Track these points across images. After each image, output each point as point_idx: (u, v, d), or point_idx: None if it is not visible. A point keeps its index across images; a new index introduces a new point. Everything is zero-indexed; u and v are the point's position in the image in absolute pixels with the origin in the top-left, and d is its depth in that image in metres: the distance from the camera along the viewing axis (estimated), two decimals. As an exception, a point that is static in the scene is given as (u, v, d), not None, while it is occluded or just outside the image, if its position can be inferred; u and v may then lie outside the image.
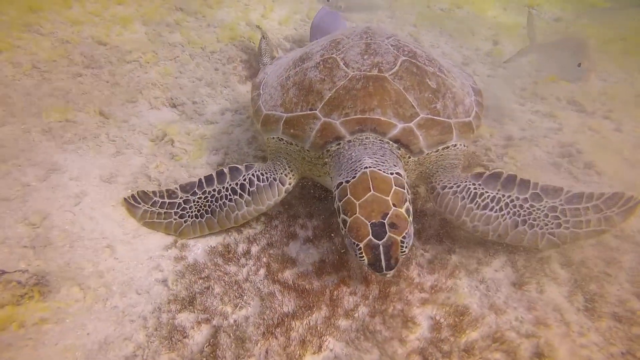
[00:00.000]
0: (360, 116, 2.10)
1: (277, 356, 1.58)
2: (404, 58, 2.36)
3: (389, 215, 1.73)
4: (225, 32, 4.72)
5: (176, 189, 2.46)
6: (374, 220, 1.72)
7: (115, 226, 2.48)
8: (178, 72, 4.03)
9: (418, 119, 2.15)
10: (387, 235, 1.69)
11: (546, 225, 2.08)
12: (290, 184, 2.34)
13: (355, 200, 1.79)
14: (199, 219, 2.35)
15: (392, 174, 1.88)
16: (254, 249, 2.19)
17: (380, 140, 2.09)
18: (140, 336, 1.76)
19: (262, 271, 2.04)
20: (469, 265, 2.16)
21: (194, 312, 1.84)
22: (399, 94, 2.18)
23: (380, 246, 1.68)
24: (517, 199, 2.15)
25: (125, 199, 2.54)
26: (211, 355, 1.61)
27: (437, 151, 2.24)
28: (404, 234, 1.72)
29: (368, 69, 2.26)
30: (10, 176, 2.59)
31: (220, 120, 3.57)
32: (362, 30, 2.64)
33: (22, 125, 3.00)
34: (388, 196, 1.78)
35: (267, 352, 1.61)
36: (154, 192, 2.51)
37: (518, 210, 2.12)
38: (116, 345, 1.72)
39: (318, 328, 1.70)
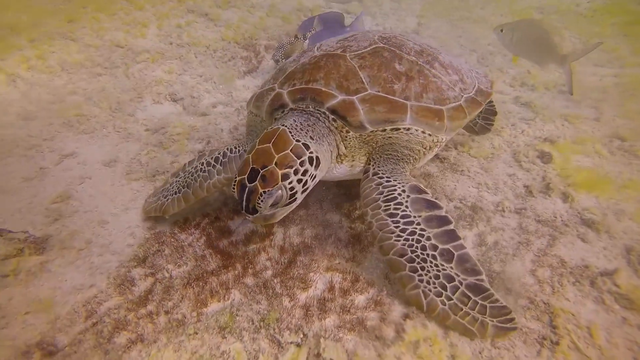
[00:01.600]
0: (303, 86, 2.24)
1: (188, 301, 2.02)
2: (381, 45, 2.42)
3: (266, 169, 1.88)
4: (229, 31, 5.18)
5: (170, 177, 2.80)
6: (254, 166, 1.91)
7: (108, 202, 3.02)
8: (182, 70, 4.55)
9: (364, 93, 2.17)
10: (254, 183, 1.87)
11: (429, 283, 1.89)
12: None
13: (257, 145, 2.00)
14: (177, 194, 2.57)
15: (298, 141, 1.98)
16: (204, 222, 2.64)
17: (318, 110, 2.19)
18: (103, 284, 2.28)
19: (203, 239, 2.48)
20: (383, 242, 2.44)
21: (144, 267, 2.32)
22: (349, 70, 2.24)
23: (247, 188, 1.88)
24: (429, 239, 1.95)
25: (146, 199, 2.86)
26: (144, 298, 2.09)
27: (384, 131, 2.21)
28: (267, 190, 1.85)
29: (333, 50, 2.40)
30: (33, 160, 3.25)
31: (211, 112, 4.03)
32: (370, 29, 2.87)
33: (48, 119, 3.67)
34: (277, 154, 1.92)
35: (182, 297, 2.05)
36: (157, 187, 2.88)
37: (415, 246, 1.94)
38: (84, 289, 2.24)
39: (228, 283, 2.11)
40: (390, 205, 2.06)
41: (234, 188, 1.95)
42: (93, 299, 2.18)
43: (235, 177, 1.95)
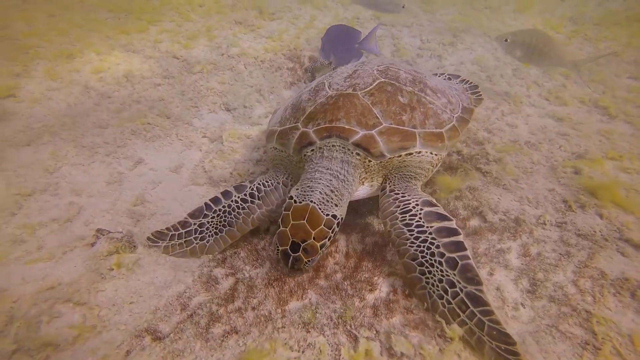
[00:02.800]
0: (328, 125, 2.58)
1: (271, 299, 2.33)
2: (383, 80, 2.80)
3: (307, 242, 2.25)
4: (275, 42, 5.48)
5: (186, 218, 2.80)
6: (295, 240, 2.27)
7: (178, 206, 3.36)
8: (233, 80, 4.88)
9: (380, 127, 2.55)
10: (298, 254, 2.25)
11: (433, 285, 2.18)
12: (291, 185, 2.84)
13: (291, 220, 2.33)
14: (220, 233, 2.70)
15: (327, 215, 2.33)
16: (273, 227, 2.94)
17: (343, 146, 2.54)
18: (189, 280, 2.61)
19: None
20: (436, 251, 2.70)
21: (224, 268, 2.64)
22: (364, 107, 2.61)
23: (291, 256, 2.26)
24: (438, 247, 2.22)
25: (156, 241, 2.78)
26: (230, 295, 2.41)
27: (399, 156, 2.59)
28: (310, 259, 2.27)
29: (344, 89, 2.76)
30: (112, 166, 3.62)
31: (263, 122, 4.35)
32: (363, 61, 3.19)
33: (118, 127, 4.05)
34: (313, 230, 2.28)
35: (266, 296, 2.36)
36: (167, 228, 2.79)
37: (425, 252, 2.23)
38: (174, 285, 2.58)
39: (304, 284, 2.41)
40: (405, 216, 2.38)
41: (277, 254, 2.35)
42: (183, 293, 2.51)
43: (278, 247, 2.33)
